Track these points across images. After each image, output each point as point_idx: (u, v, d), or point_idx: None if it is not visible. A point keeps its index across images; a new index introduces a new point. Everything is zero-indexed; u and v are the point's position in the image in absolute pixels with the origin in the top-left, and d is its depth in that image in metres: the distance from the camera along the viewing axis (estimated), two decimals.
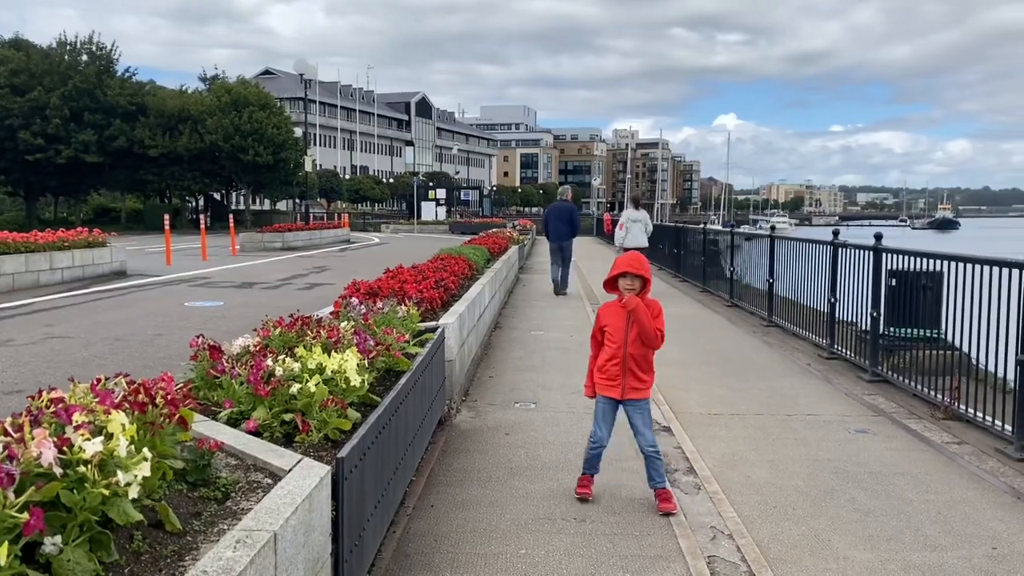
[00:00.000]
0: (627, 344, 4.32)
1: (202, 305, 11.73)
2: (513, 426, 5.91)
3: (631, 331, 4.32)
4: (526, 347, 9.25)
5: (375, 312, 4.81)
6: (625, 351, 4.32)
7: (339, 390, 3.46)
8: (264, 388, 3.25)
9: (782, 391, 7.15)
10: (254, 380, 3.27)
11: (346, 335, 3.91)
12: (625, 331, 4.33)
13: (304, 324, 4.19)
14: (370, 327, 4.48)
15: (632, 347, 4.32)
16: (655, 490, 4.32)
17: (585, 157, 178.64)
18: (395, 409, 3.81)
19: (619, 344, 4.32)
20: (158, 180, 47.98)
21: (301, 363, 3.52)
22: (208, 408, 3.47)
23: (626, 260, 4.40)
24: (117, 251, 16.19)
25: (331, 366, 3.49)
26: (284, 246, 26.63)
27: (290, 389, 3.31)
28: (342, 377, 3.47)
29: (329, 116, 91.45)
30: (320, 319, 4.48)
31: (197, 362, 3.76)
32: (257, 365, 3.36)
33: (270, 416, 3.26)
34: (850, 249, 8.23)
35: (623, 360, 4.32)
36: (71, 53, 45.99)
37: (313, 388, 3.30)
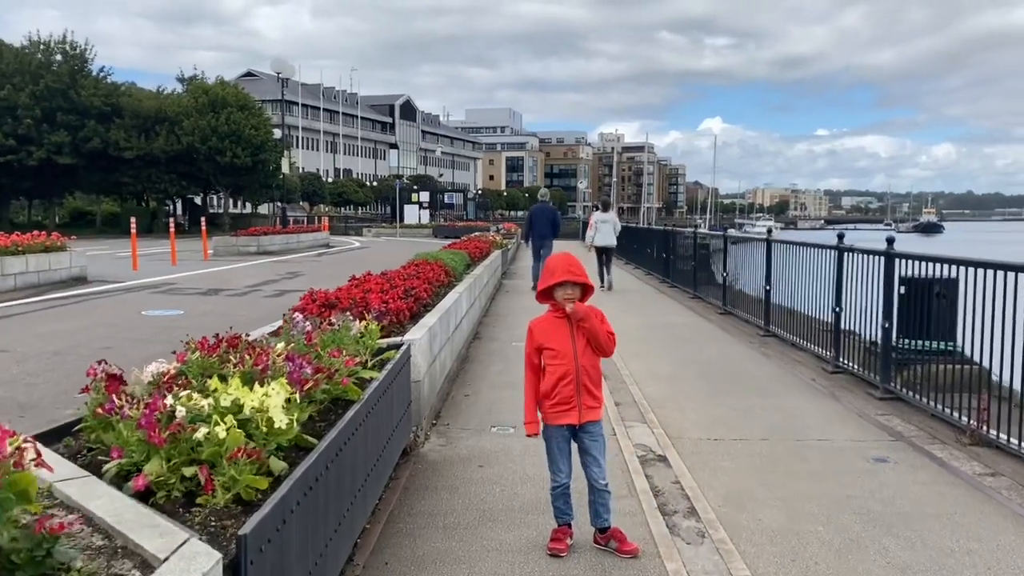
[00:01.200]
0: (578, 356, 3.64)
1: (159, 314, 10.95)
2: (488, 456, 5.20)
3: (579, 341, 3.65)
4: (506, 360, 8.54)
5: (324, 329, 4.09)
6: (577, 364, 3.63)
7: (259, 435, 2.74)
8: (159, 434, 2.53)
9: (787, 411, 6.48)
10: (147, 423, 2.55)
11: (276, 361, 3.19)
12: (572, 342, 3.65)
13: (230, 346, 3.47)
14: (314, 348, 3.76)
15: (584, 358, 3.66)
16: (605, 530, 3.70)
17: (571, 161, 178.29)
18: (336, 452, 3.10)
19: (569, 359, 3.64)
20: (134, 182, 46.94)
21: (213, 399, 2.81)
22: (97, 458, 2.76)
23: (562, 265, 3.68)
24: (77, 256, 15.36)
25: (250, 403, 2.78)
26: (259, 250, 25.81)
27: (195, 434, 2.60)
28: (263, 417, 2.76)
29: (312, 118, 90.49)
30: (253, 340, 3.76)
31: (91, 396, 3.05)
32: (153, 403, 2.64)
33: (167, 470, 2.54)
34: (858, 254, 7.58)
35: (576, 376, 3.63)
36: (44, 52, 44.89)
37: (222, 433, 2.58)
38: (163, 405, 2.65)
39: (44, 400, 6.28)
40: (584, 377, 3.65)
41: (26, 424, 3.62)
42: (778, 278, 10.14)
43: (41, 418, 5.31)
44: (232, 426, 2.63)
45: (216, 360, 3.34)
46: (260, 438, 2.74)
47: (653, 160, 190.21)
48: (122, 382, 3.09)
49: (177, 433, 2.57)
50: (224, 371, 3.15)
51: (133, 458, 2.61)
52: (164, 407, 2.64)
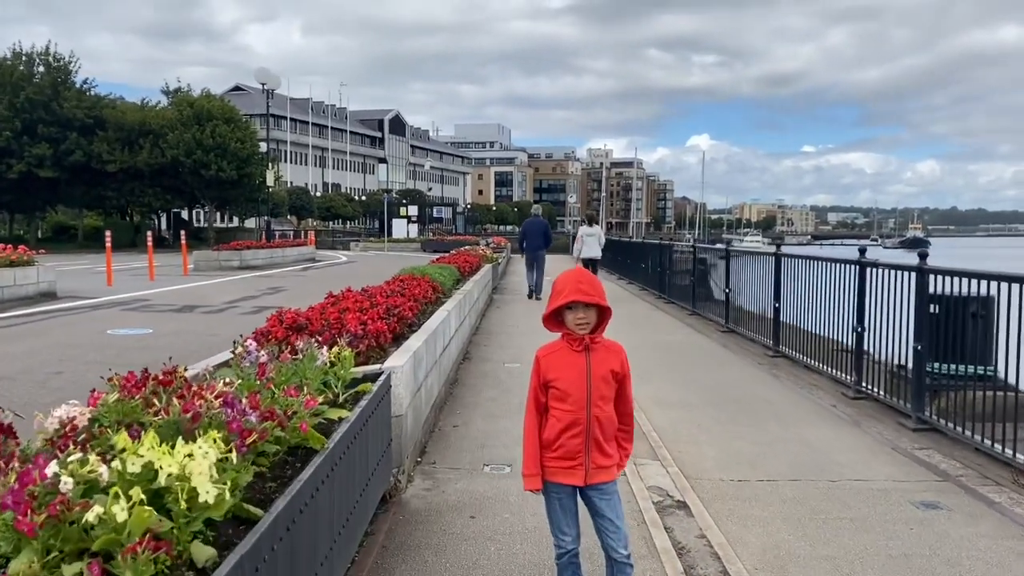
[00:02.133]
0: (591, 403, 2.93)
1: (126, 333, 10.21)
2: (482, 503, 4.49)
3: (596, 382, 2.95)
4: (500, 385, 7.85)
5: (283, 360, 3.39)
6: (589, 414, 2.93)
7: (179, 512, 2.04)
8: (29, 520, 1.83)
9: (813, 444, 5.81)
10: (14, 501, 1.85)
11: (211, 406, 2.49)
12: (587, 384, 2.94)
13: (161, 384, 2.76)
14: (267, 385, 3.06)
15: (598, 407, 2.94)
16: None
17: (559, 176, 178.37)
18: (289, 524, 2.40)
19: (579, 405, 2.93)
20: (117, 196, 46.11)
21: (120, 462, 2.11)
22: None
23: (571, 283, 2.98)
24: (45, 271, 14.58)
25: (168, 468, 2.08)
26: (242, 265, 25.03)
27: (86, 515, 1.90)
28: (184, 487, 2.06)
29: (301, 133, 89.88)
30: (197, 374, 3.06)
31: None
32: (25, 474, 1.93)
33: (41, 567, 1.84)
34: (883, 270, 6.94)
35: (587, 428, 2.93)
36: (26, 64, 44.09)
37: (121, 514, 1.89)
38: (40, 475, 1.94)
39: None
40: (596, 429, 2.95)
41: None
42: (788, 295, 9.50)
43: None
44: (138, 502, 1.93)
45: (139, 403, 2.64)
46: (180, 516, 2.04)
47: (642, 175, 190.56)
48: (10, 434, 2.38)
49: (59, 515, 1.87)
50: (146, 419, 2.45)
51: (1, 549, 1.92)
52: (42, 477, 1.94)
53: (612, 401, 3.02)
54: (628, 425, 3.11)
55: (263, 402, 2.81)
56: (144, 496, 1.99)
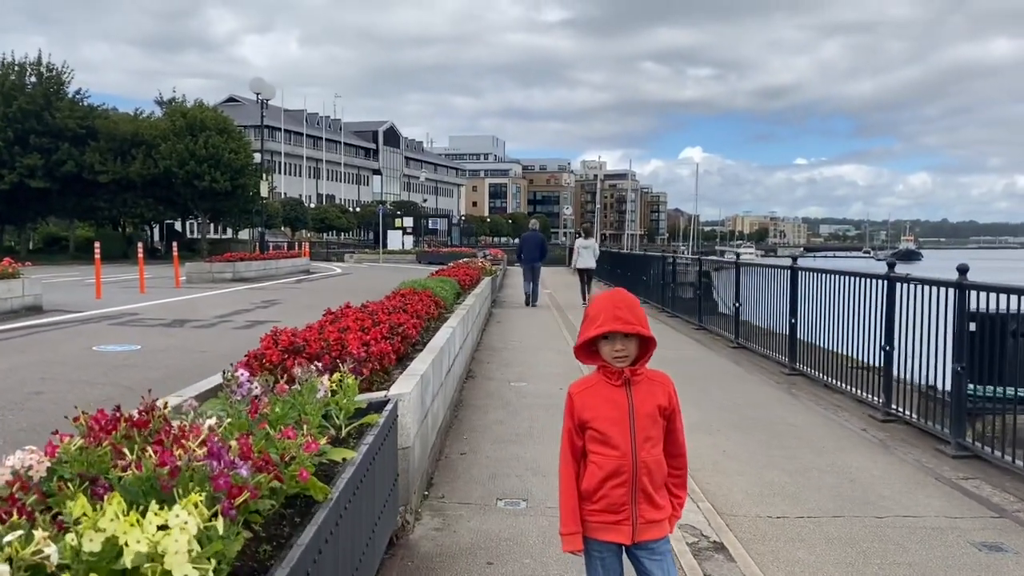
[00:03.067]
0: (636, 446, 2.51)
1: (113, 350, 9.75)
2: (498, 546, 4.06)
3: (640, 421, 2.53)
4: (507, 406, 7.42)
5: (279, 392, 2.96)
6: (635, 459, 2.50)
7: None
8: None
9: (849, 473, 5.39)
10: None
11: (193, 455, 2.06)
12: (630, 424, 2.52)
13: (134, 425, 2.34)
14: (261, 423, 2.63)
15: (645, 450, 2.52)
16: None
17: (554, 188, 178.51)
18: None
19: (623, 449, 2.51)
20: (109, 207, 45.57)
21: (75, 536, 1.68)
22: None
23: (608, 309, 2.53)
24: (31, 283, 14.11)
25: (135, 545, 1.65)
26: (235, 277, 24.56)
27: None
28: (157, 571, 1.63)
29: (295, 144, 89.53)
30: (172, 406, 2.63)
31: None
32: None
33: None
34: (916, 285, 6.54)
35: (633, 475, 2.50)
36: (18, 74, 43.62)
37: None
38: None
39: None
40: (644, 477, 2.53)
41: None
42: (806, 310, 9.10)
43: None
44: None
45: (107, 451, 2.21)
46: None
47: (635, 188, 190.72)
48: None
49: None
50: (114, 474, 2.02)
51: None
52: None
53: (661, 442, 2.60)
54: (680, 469, 2.69)
55: (255, 445, 2.38)
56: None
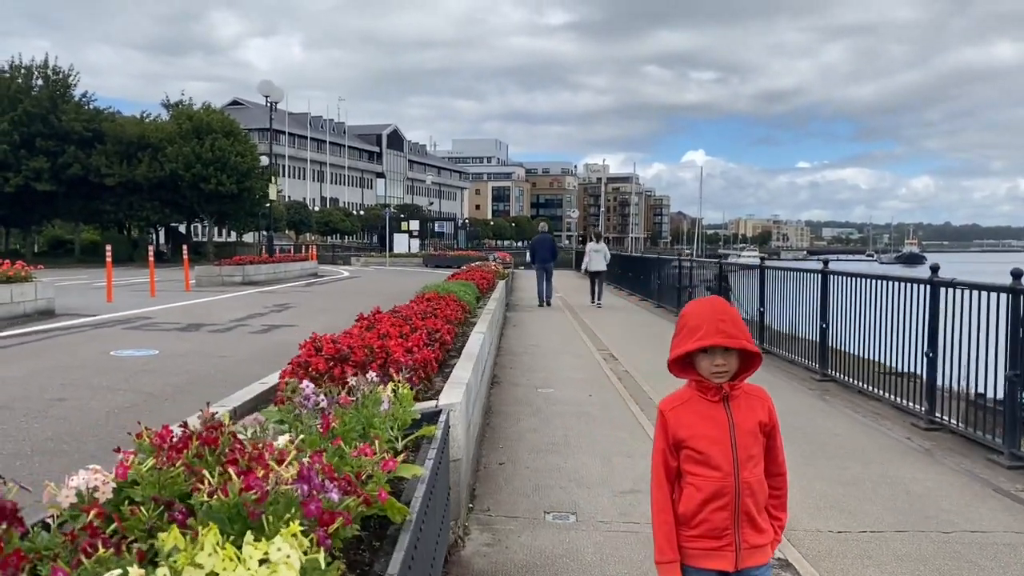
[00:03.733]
0: (739, 466, 2.34)
1: (131, 355, 9.59)
2: (554, 563, 3.89)
3: (740, 440, 2.36)
4: (538, 413, 7.25)
5: (343, 404, 2.79)
6: (737, 480, 2.33)
7: None
8: None
9: (902, 484, 5.21)
10: None
11: (282, 479, 1.89)
12: (731, 442, 2.35)
13: (205, 444, 2.17)
14: (333, 442, 2.47)
15: (747, 469, 2.35)
16: None
17: (556, 191, 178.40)
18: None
19: (725, 470, 2.33)
20: (115, 210, 45.47)
21: (169, 573, 1.51)
22: None
23: (711, 321, 2.34)
24: (44, 287, 13.95)
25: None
26: (244, 280, 24.40)
27: None
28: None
29: (299, 147, 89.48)
30: (233, 431, 2.46)
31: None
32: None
33: None
34: (962, 290, 6.37)
35: (735, 498, 2.34)
36: (25, 77, 43.56)
37: None
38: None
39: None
40: (747, 499, 2.36)
41: None
42: (838, 315, 8.92)
43: None
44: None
45: (181, 473, 2.04)
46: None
47: (639, 191, 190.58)
48: (13, 520, 1.79)
49: None
50: (196, 499, 1.86)
51: None
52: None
53: (762, 461, 2.43)
54: (780, 489, 2.52)
55: (328, 462, 2.22)
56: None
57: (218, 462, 2.13)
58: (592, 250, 19.52)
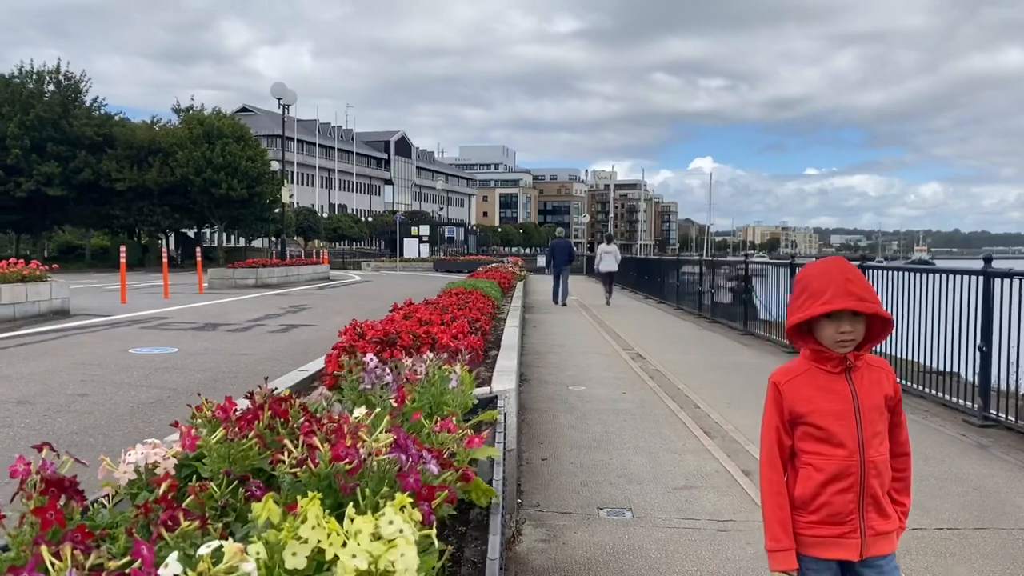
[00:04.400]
0: (864, 444, 2.10)
1: (150, 352, 9.38)
2: (618, 560, 3.64)
3: (865, 415, 2.11)
4: (572, 410, 7.00)
5: (413, 380, 2.56)
6: (863, 459, 2.09)
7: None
8: None
9: (972, 481, 4.96)
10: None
11: (375, 449, 1.66)
12: (855, 417, 2.10)
13: (276, 415, 1.94)
14: (411, 417, 2.24)
15: (873, 447, 2.11)
16: None
17: (564, 198, 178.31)
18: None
19: (849, 447, 2.09)
20: (125, 215, 45.35)
21: (261, 548, 1.28)
22: None
23: (839, 283, 2.08)
24: (59, 287, 13.77)
25: (354, 561, 1.25)
26: (257, 283, 24.22)
27: None
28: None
29: (308, 154, 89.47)
30: (304, 402, 2.23)
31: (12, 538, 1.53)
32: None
33: None
34: (1020, 280, 6.11)
35: (860, 479, 2.09)
36: (36, 82, 43.55)
37: None
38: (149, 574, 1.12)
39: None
40: (873, 480, 2.12)
41: None
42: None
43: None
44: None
45: (254, 445, 1.81)
46: None
47: (647, 198, 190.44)
48: (73, 494, 1.57)
49: None
50: (280, 471, 1.63)
51: None
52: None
53: (887, 439, 2.19)
54: (904, 471, 2.28)
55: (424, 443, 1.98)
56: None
57: (292, 435, 1.90)
58: (603, 251, 20.46)
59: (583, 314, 16.69)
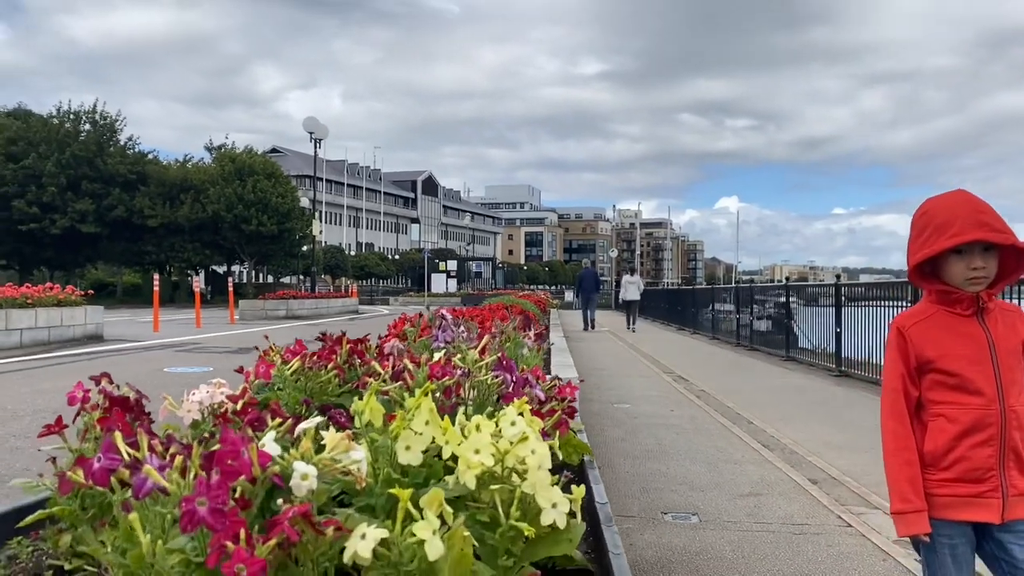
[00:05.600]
0: (1003, 392, 1.86)
1: (184, 371, 9.27)
2: (691, 559, 3.39)
3: (1002, 359, 1.88)
4: (620, 424, 6.75)
5: (491, 333, 2.37)
6: (1003, 410, 1.85)
7: (500, 542, 1.01)
8: (246, 550, 0.80)
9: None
10: (212, 508, 0.83)
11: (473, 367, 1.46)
12: (992, 362, 1.87)
13: (353, 352, 1.75)
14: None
15: (1012, 396, 1.86)
16: None
17: (589, 236, 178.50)
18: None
19: (988, 394, 1.86)
20: (157, 251, 45.85)
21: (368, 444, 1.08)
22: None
23: (968, 212, 1.88)
24: (93, 312, 13.79)
25: (477, 457, 1.05)
26: (288, 314, 24.23)
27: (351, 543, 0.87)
28: (514, 495, 1.03)
29: (336, 193, 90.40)
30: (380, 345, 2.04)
31: (69, 445, 1.36)
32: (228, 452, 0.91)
33: None
34: None
35: (1001, 430, 1.85)
36: (73, 122, 44.48)
37: (436, 546, 0.86)
38: (256, 458, 0.92)
39: (31, 470, 4.55)
40: (1015, 431, 1.87)
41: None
42: None
43: (19, 502, 3.60)
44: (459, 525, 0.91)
45: (331, 378, 1.62)
46: (501, 547, 1.01)
47: (672, 236, 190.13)
48: (139, 414, 1.38)
49: (301, 542, 0.85)
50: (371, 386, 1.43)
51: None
52: (262, 461, 0.92)
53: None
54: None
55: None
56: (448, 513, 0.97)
57: (370, 372, 1.71)
58: (628, 281, 22.37)
59: (616, 341, 16.44)
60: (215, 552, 0.79)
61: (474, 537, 1.00)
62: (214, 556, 0.79)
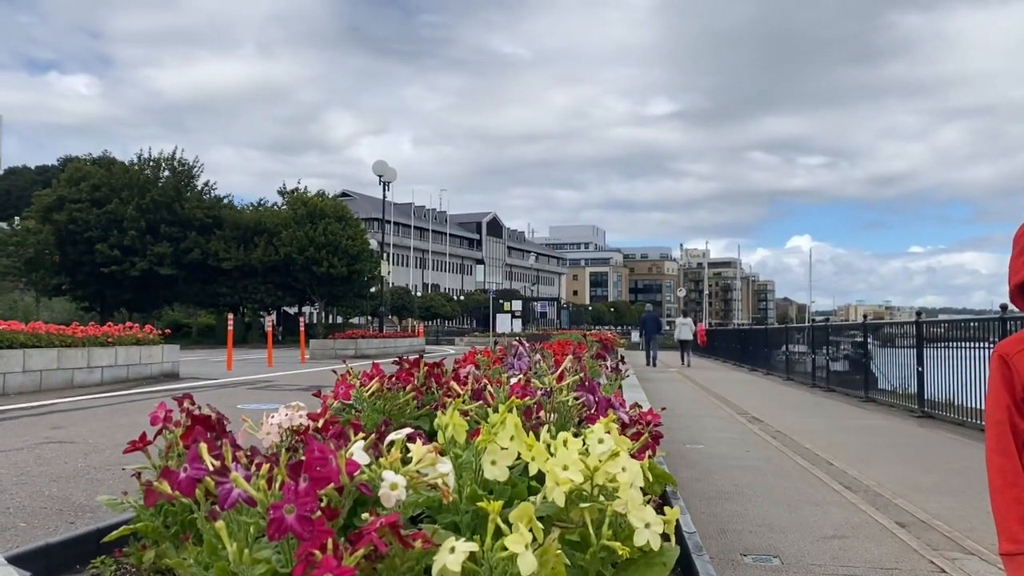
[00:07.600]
0: None
1: (257, 407, 9.41)
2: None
3: None
4: (694, 465, 6.56)
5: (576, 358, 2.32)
6: None
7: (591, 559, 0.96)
8: (334, 560, 0.77)
9: None
10: (300, 516, 0.80)
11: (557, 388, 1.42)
12: None
13: (430, 375, 1.73)
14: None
15: None
16: None
17: (655, 276, 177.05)
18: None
19: None
20: (231, 293, 47.17)
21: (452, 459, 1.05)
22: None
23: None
24: (170, 351, 14.19)
25: (566, 473, 1.00)
26: (356, 353, 24.56)
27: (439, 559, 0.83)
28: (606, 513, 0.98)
29: (403, 235, 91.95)
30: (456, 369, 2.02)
31: (153, 464, 1.36)
32: (316, 461, 0.88)
33: None
34: None
35: None
36: (153, 168, 46.39)
37: (529, 562, 0.81)
38: (344, 466, 0.90)
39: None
40: None
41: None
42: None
43: (101, 523, 3.67)
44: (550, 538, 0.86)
45: (408, 399, 1.60)
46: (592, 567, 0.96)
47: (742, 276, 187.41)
48: (222, 432, 1.38)
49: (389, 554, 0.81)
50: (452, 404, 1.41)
51: None
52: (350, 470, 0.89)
53: None
54: None
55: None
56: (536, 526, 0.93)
57: (449, 393, 1.69)
58: (680, 323, 25.52)
59: (686, 381, 16.17)
60: (302, 561, 0.76)
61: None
62: (301, 565, 0.77)
